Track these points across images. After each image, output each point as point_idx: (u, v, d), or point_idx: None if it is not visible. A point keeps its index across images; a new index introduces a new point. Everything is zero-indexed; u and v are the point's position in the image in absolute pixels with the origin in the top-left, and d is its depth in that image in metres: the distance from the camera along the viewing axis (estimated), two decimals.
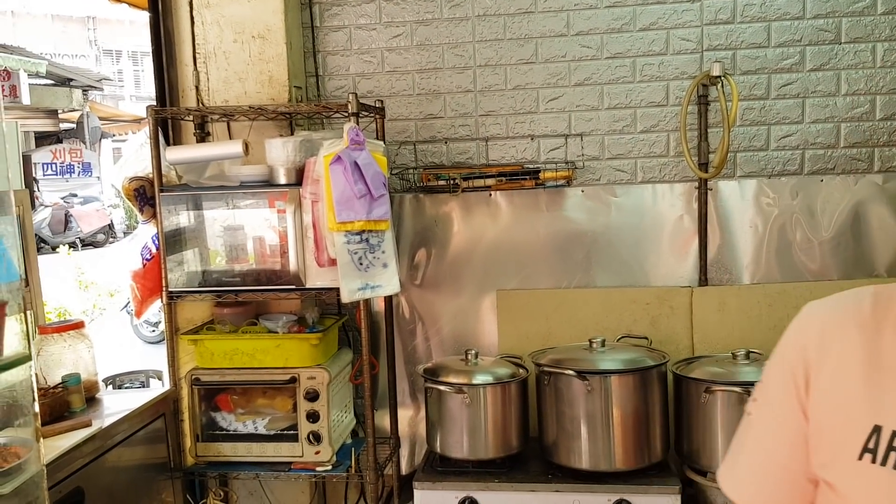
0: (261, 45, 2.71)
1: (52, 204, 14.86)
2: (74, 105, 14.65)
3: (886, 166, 2.63)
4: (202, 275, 2.47)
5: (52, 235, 13.60)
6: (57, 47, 19.35)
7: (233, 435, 2.56)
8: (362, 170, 2.26)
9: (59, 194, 15.28)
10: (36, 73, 12.02)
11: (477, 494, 2.34)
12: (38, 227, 14.35)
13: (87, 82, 14.64)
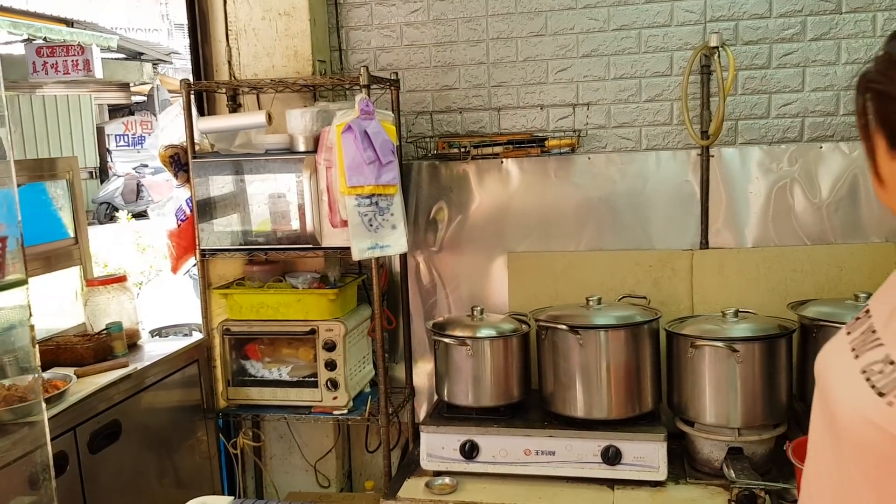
0: (286, 21, 2.91)
1: (125, 174, 15.54)
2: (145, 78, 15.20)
3: None
4: (231, 234, 2.71)
5: (125, 204, 14.25)
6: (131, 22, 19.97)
7: (260, 381, 2.81)
8: (371, 138, 2.45)
9: (131, 164, 15.95)
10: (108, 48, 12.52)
11: (477, 438, 2.53)
12: (112, 196, 15.06)
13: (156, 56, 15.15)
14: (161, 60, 15.38)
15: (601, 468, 2.44)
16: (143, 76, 15.17)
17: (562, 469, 2.47)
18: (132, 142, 17.63)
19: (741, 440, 2.37)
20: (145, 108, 18.01)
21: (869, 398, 0.93)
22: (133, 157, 16.74)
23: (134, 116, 18.27)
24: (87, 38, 11.90)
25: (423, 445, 2.57)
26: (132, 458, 2.40)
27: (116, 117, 18.42)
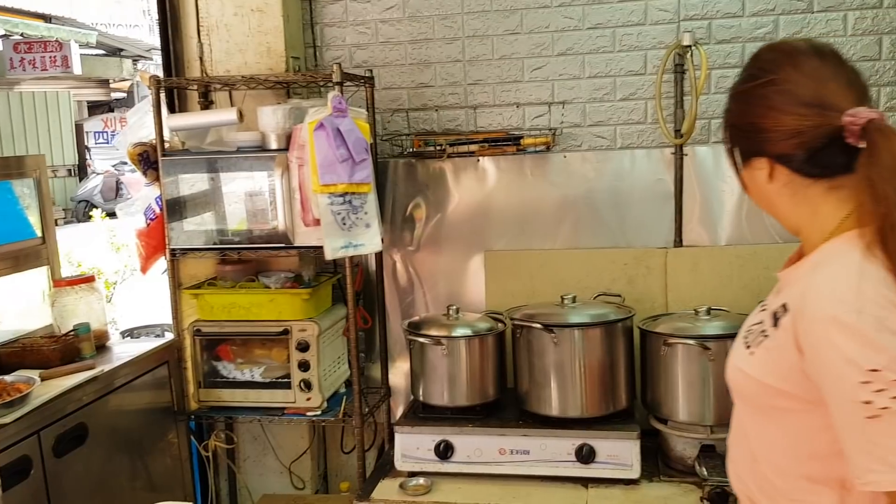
0: (259, 17, 2.88)
1: (104, 172, 15.38)
2: (125, 75, 15.08)
3: None
4: (202, 234, 2.67)
5: (105, 202, 14.09)
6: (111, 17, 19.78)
7: (232, 382, 2.78)
8: (344, 136, 2.43)
9: (111, 162, 15.78)
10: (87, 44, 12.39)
11: (452, 438, 2.52)
12: (91, 194, 14.92)
13: (137, 52, 15.02)
14: (141, 57, 15.25)
15: (575, 467, 2.43)
16: (123, 72, 15.03)
17: (536, 468, 2.46)
18: (111, 139, 17.47)
19: (714, 438, 2.38)
20: (125, 105, 17.84)
21: (742, 353, 1.29)
22: (112, 154, 16.56)
23: (113, 113, 18.10)
24: (65, 33, 11.77)
25: (397, 446, 2.55)
26: (100, 462, 2.36)
27: (96, 114, 18.24)
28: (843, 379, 1.09)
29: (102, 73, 14.61)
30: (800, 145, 1.19)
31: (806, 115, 1.17)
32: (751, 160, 1.26)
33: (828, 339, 1.10)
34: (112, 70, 14.77)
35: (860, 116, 1.13)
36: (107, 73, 14.79)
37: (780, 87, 1.20)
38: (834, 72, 1.20)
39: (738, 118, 1.28)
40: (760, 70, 1.25)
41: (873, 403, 1.06)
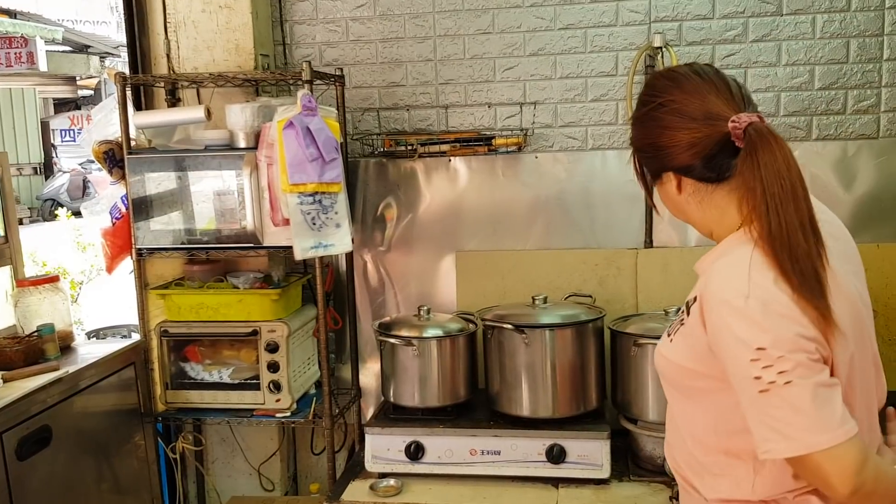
0: (227, 14, 2.84)
1: (70, 170, 15.12)
2: (92, 72, 14.84)
3: (824, 134, 2.74)
4: (170, 233, 2.63)
5: (71, 200, 13.86)
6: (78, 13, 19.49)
7: (200, 383, 2.75)
8: (314, 135, 2.40)
9: (77, 160, 15.52)
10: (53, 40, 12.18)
11: (423, 439, 2.50)
12: (57, 192, 14.66)
13: (104, 49, 14.81)
14: (109, 54, 15.04)
15: (546, 467, 2.43)
16: (90, 70, 14.80)
17: (507, 469, 2.46)
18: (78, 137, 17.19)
19: None
20: (92, 103, 17.55)
21: (664, 341, 1.43)
22: (79, 152, 16.30)
23: (80, 111, 17.80)
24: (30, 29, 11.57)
25: (367, 447, 2.54)
26: (64, 465, 2.32)
27: (62, 111, 17.94)
28: (738, 357, 1.21)
29: (69, 70, 14.39)
30: (696, 155, 1.31)
31: (696, 127, 1.30)
32: (660, 177, 1.40)
33: (723, 321, 1.23)
34: (79, 67, 14.54)
35: (741, 121, 1.26)
36: (73, 70, 14.57)
37: (670, 107, 1.33)
38: (715, 87, 1.32)
39: (640, 141, 1.42)
40: (651, 96, 1.38)
41: (762, 379, 1.18)
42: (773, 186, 1.22)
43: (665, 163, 1.36)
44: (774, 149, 1.23)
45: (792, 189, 1.22)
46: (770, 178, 1.23)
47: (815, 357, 1.19)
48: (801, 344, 1.18)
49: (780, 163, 1.23)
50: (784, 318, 1.19)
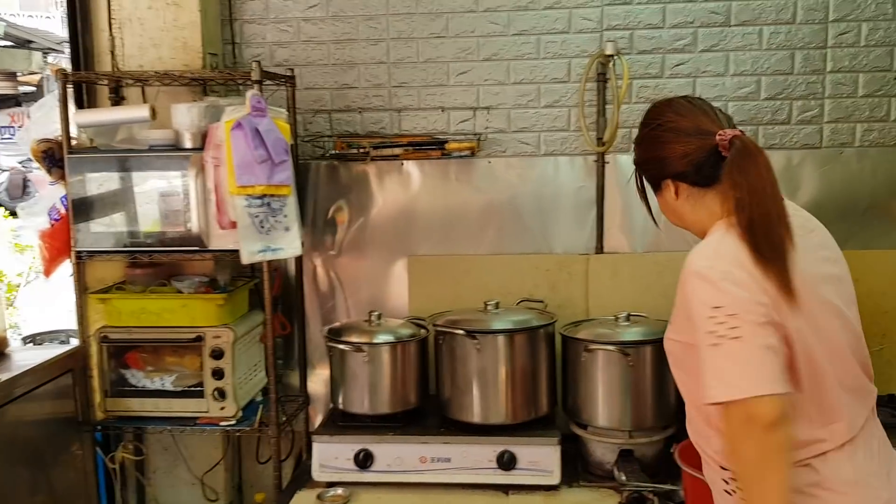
0: (175, 12, 2.77)
1: (10, 168, 14.61)
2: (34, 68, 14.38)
3: (770, 143, 2.78)
4: (112, 235, 2.55)
5: (10, 200, 13.39)
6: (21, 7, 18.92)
7: (141, 391, 2.66)
8: (263, 136, 2.35)
9: (18, 158, 15.01)
10: None
11: (372, 447, 2.47)
12: None
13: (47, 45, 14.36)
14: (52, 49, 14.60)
15: (496, 474, 2.41)
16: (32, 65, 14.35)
17: (457, 476, 2.44)
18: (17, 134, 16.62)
19: (632, 442, 2.40)
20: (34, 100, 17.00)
21: (669, 326, 1.64)
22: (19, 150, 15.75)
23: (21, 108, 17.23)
24: None
25: (315, 455, 2.49)
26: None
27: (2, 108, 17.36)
28: (699, 315, 1.43)
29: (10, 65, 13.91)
30: (690, 163, 1.58)
31: (689, 140, 1.58)
32: (660, 186, 1.66)
33: (691, 285, 1.47)
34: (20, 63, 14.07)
35: (727, 134, 1.54)
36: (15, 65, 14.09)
37: (666, 126, 1.62)
38: (702, 110, 1.61)
39: (642, 156, 1.70)
40: (651, 119, 1.68)
41: (714, 332, 1.39)
42: (754, 186, 1.47)
43: (664, 171, 1.62)
44: (756, 156, 1.50)
45: (770, 188, 1.48)
46: (752, 179, 1.48)
47: (763, 321, 1.39)
48: (753, 307, 1.40)
49: (761, 168, 1.49)
50: (741, 286, 1.41)
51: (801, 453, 1.46)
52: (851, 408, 1.53)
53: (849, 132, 2.79)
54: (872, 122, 2.78)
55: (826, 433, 1.49)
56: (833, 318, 1.52)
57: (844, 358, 1.53)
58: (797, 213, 1.58)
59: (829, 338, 1.50)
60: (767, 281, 1.42)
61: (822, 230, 1.64)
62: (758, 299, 1.40)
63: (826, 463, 1.48)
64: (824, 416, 1.49)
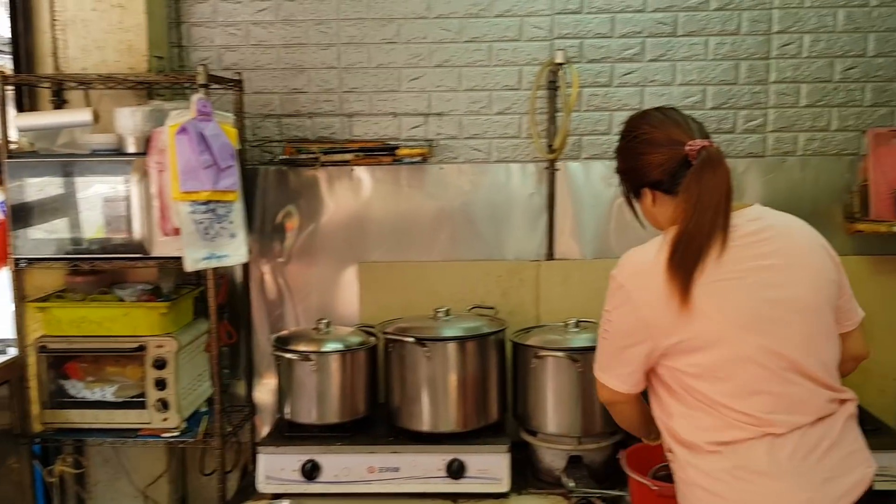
0: (120, 14, 2.71)
1: None
2: None
3: None
4: (51, 242, 2.48)
5: None
6: None
7: (81, 402, 2.59)
8: (209, 141, 2.31)
9: None
10: None
11: (319, 457, 2.42)
12: None
13: None
14: None
15: (445, 482, 2.39)
16: None
17: (406, 485, 2.41)
18: None
19: (581, 449, 2.40)
20: None
21: None
22: None
23: None
24: None
25: (260, 467, 2.44)
26: None
27: None
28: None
29: None
30: (663, 172, 1.68)
31: (663, 151, 1.67)
32: (640, 193, 1.77)
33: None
34: None
35: (696, 145, 1.63)
36: None
37: (641, 138, 1.72)
38: (675, 121, 1.71)
39: (622, 167, 1.81)
40: (628, 132, 1.78)
41: (601, 326, 1.74)
42: (703, 197, 1.57)
43: (642, 180, 1.73)
44: (717, 168, 1.59)
45: (717, 202, 1.57)
46: (703, 190, 1.57)
47: (632, 330, 1.65)
48: (626, 318, 1.66)
49: (718, 180, 1.58)
50: (630, 299, 1.64)
51: (711, 437, 1.61)
52: (783, 406, 1.58)
53: (791, 141, 2.85)
54: (814, 132, 2.84)
55: (742, 425, 1.58)
56: (764, 324, 1.58)
57: (779, 359, 1.58)
58: (760, 219, 1.67)
59: (762, 342, 1.57)
60: (669, 286, 1.58)
61: (777, 238, 1.67)
62: (638, 314, 1.63)
63: (737, 452, 1.58)
64: (743, 409, 1.58)
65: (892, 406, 2.79)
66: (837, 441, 1.62)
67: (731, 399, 1.59)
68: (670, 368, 1.65)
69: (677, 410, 1.66)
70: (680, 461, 1.68)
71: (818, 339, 1.64)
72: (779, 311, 1.59)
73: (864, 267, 2.78)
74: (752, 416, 1.58)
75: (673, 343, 1.61)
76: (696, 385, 1.61)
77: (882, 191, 2.73)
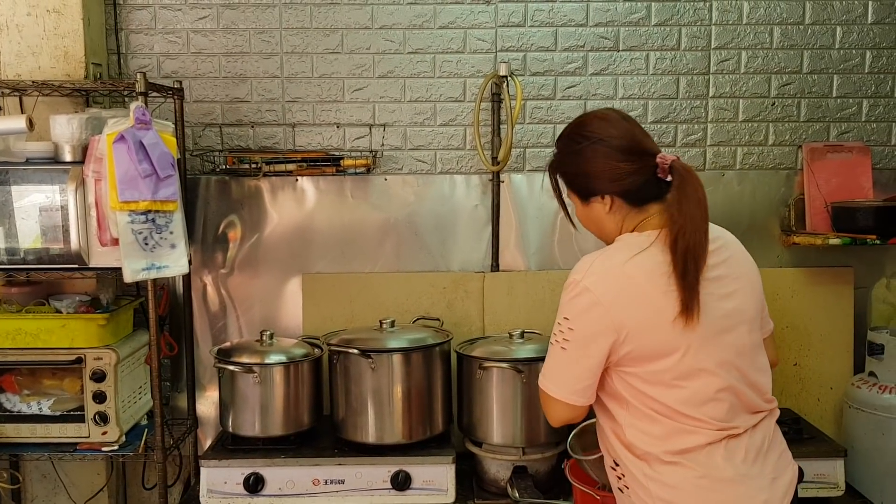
0: (56, 19, 2.64)
1: None
2: None
3: None
4: None
5: None
6: None
7: (16, 416, 2.52)
8: (148, 150, 2.26)
9: None
10: None
11: (263, 470, 2.40)
12: None
13: None
14: None
15: (391, 494, 2.39)
16: None
17: (351, 498, 2.40)
18: None
19: (525, 459, 2.42)
20: None
21: None
22: None
23: None
24: None
25: (203, 480, 2.40)
26: None
27: None
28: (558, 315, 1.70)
29: None
30: (633, 182, 1.66)
31: (633, 160, 1.65)
32: (590, 199, 1.71)
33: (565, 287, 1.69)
34: None
35: (667, 158, 1.65)
36: None
37: (608, 143, 1.66)
38: (639, 128, 1.70)
39: (575, 169, 1.73)
40: (587, 133, 1.69)
41: (554, 335, 1.68)
42: (692, 209, 1.58)
43: (603, 188, 1.68)
44: (695, 181, 1.61)
45: (703, 212, 1.60)
46: (691, 202, 1.59)
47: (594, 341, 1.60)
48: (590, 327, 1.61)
49: (699, 192, 1.61)
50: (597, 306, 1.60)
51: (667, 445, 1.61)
52: (734, 411, 1.64)
53: (730, 155, 2.92)
54: (752, 146, 2.92)
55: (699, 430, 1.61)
56: (721, 334, 1.63)
57: (730, 368, 1.63)
58: (714, 231, 1.69)
59: (717, 352, 1.62)
60: (668, 299, 1.57)
61: (724, 249, 1.71)
62: (612, 317, 1.59)
63: (696, 460, 1.60)
64: (699, 416, 1.61)
65: (828, 414, 2.89)
66: (773, 441, 1.71)
67: (686, 406, 1.59)
68: (624, 375, 1.63)
69: (628, 421, 1.65)
70: (635, 476, 1.65)
71: (758, 348, 1.72)
72: (731, 322, 1.64)
73: (801, 278, 2.87)
74: (707, 421, 1.60)
75: (634, 348, 1.59)
76: (650, 392, 1.61)
77: (817, 204, 2.83)
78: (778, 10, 2.85)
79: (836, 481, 2.44)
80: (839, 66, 2.88)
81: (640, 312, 1.59)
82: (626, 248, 1.64)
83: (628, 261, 1.61)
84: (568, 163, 1.74)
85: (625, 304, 1.59)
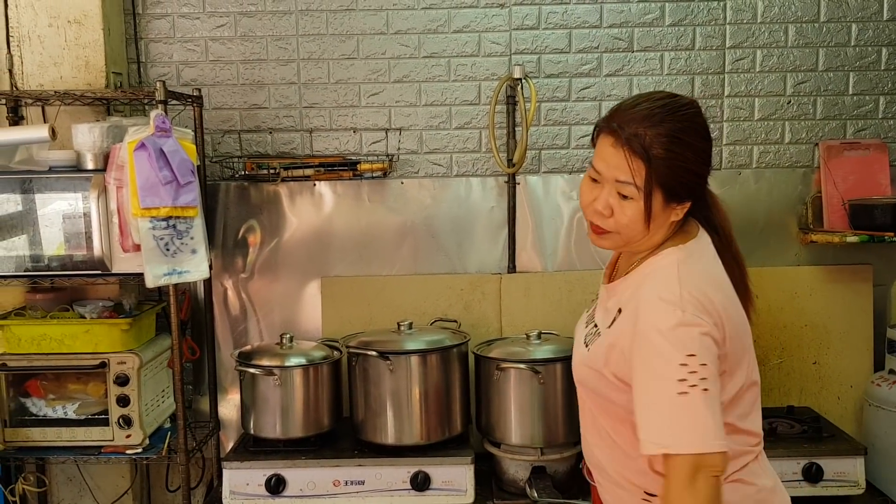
0: (77, 30, 2.70)
1: None
2: None
3: None
4: (9, 260, 2.45)
5: None
6: None
7: (43, 420, 2.57)
8: (168, 157, 2.30)
9: None
10: None
11: (284, 472, 2.43)
12: None
13: None
14: None
15: (410, 495, 2.41)
16: None
17: (371, 499, 2.43)
18: None
19: (544, 459, 2.44)
20: None
21: (583, 351, 1.59)
22: None
23: None
24: None
25: (225, 482, 2.44)
26: None
27: None
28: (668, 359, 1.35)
29: None
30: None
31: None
32: (681, 202, 1.46)
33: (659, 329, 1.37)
34: None
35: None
36: None
37: (710, 143, 1.49)
38: None
39: (697, 167, 1.45)
40: (707, 134, 1.47)
41: (686, 381, 1.32)
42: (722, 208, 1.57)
43: (695, 191, 1.48)
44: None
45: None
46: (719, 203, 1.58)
47: (719, 370, 1.37)
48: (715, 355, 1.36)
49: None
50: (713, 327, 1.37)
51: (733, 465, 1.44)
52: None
53: (746, 154, 2.92)
54: (768, 145, 2.92)
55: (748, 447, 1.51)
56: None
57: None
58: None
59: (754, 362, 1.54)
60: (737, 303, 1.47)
61: None
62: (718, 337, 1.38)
63: (753, 474, 1.51)
64: (751, 429, 1.52)
65: (848, 413, 2.87)
66: None
67: (741, 420, 1.47)
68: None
69: None
70: None
71: None
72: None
73: (819, 276, 2.86)
74: (757, 433, 1.53)
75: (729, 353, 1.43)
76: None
77: (834, 202, 2.82)
78: (792, 8, 2.85)
79: (856, 479, 2.43)
80: (855, 64, 2.87)
81: (746, 331, 1.48)
82: (696, 257, 1.47)
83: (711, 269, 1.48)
84: (689, 158, 1.43)
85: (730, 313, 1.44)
